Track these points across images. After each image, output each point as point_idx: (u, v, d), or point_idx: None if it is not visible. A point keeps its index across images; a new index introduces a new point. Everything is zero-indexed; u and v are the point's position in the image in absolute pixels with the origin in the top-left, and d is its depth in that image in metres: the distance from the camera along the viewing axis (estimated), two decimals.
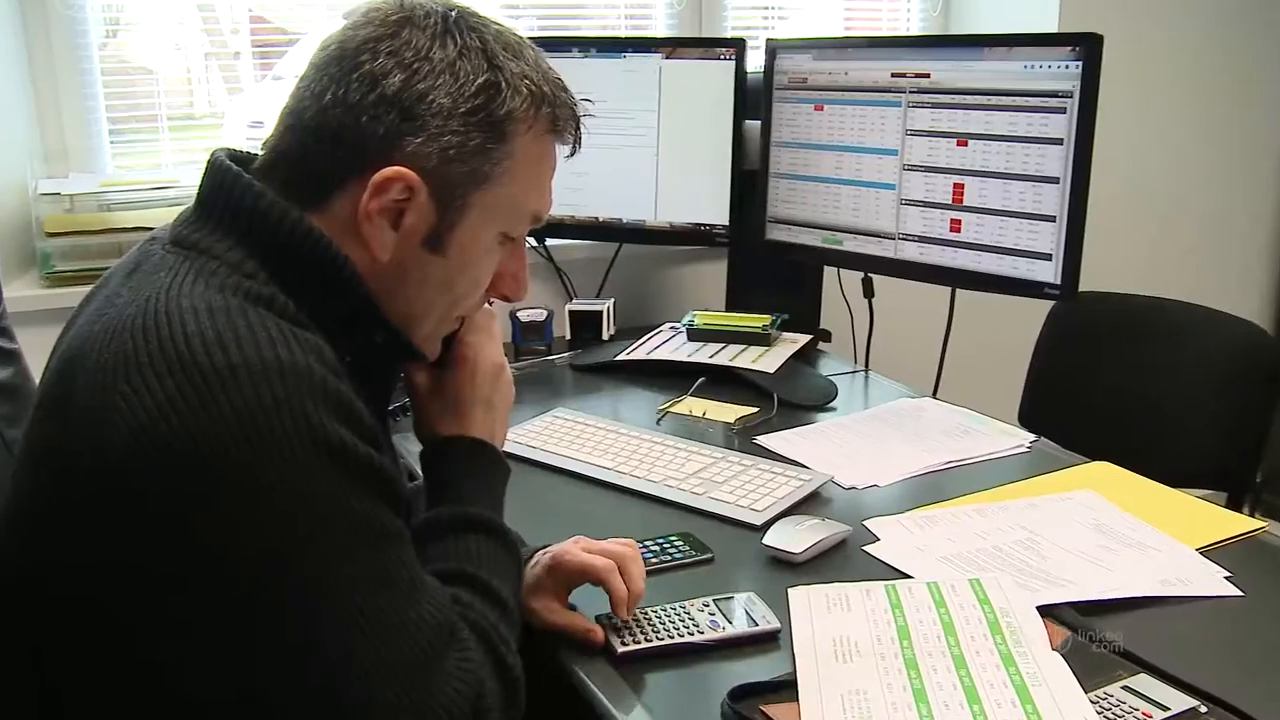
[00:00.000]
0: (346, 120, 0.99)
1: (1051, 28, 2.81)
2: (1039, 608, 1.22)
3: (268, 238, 0.98)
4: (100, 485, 0.88)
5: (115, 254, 2.07)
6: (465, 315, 1.16)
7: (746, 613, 1.23)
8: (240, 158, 1.07)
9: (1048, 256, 1.75)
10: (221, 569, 0.87)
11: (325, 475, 0.89)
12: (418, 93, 0.99)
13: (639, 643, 1.18)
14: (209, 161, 1.04)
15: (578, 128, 1.12)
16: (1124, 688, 1.09)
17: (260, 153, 1.07)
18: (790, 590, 1.27)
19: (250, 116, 2.49)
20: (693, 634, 1.19)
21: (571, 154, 1.13)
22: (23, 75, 2.21)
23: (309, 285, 0.99)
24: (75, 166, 2.28)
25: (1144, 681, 1.09)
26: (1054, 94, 1.70)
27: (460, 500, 1.13)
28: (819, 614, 1.23)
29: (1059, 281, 1.75)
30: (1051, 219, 1.74)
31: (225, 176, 1.01)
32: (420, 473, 1.21)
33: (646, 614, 1.22)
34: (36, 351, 1.38)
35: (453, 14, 1.04)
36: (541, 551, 1.25)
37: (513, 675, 1.03)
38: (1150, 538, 1.41)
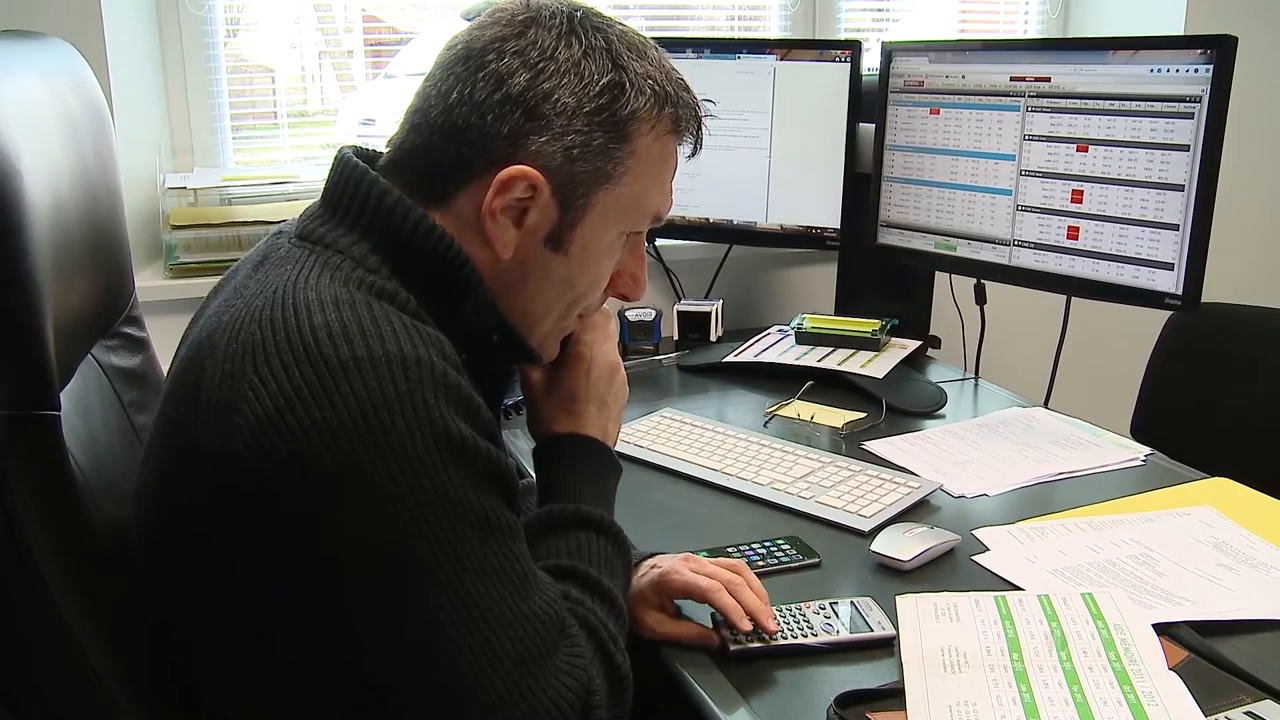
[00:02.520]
0: (472, 119, 1.00)
1: (1176, 29, 2.74)
2: (1155, 626, 1.19)
3: (391, 234, 1.00)
4: (227, 472, 0.90)
5: (235, 246, 2.12)
6: (584, 315, 1.17)
7: (862, 617, 1.22)
8: (366, 155, 1.09)
9: (1169, 266, 1.71)
10: (339, 559, 0.89)
11: (444, 468, 0.90)
12: (543, 92, 1.00)
13: (752, 642, 1.18)
14: (336, 158, 1.06)
15: (699, 128, 1.12)
16: (1247, 713, 1.06)
17: (385, 150, 1.09)
18: (899, 598, 1.26)
19: (362, 114, 2.54)
20: (806, 636, 1.19)
21: (692, 154, 1.13)
22: (156, 74, 2.29)
23: (430, 282, 1.01)
24: (199, 162, 2.35)
25: (1269, 708, 1.06)
26: (1182, 99, 1.66)
27: (572, 497, 1.13)
28: (927, 623, 1.22)
29: (1180, 292, 1.70)
30: (1175, 227, 1.69)
31: (352, 173, 1.03)
32: (530, 470, 1.23)
33: None
34: (161, 340, 1.43)
35: (578, 14, 1.04)
36: (650, 565, 1.25)
37: (621, 672, 1.04)
38: (1274, 557, 1.37)
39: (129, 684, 1.04)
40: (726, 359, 2.14)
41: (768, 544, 1.40)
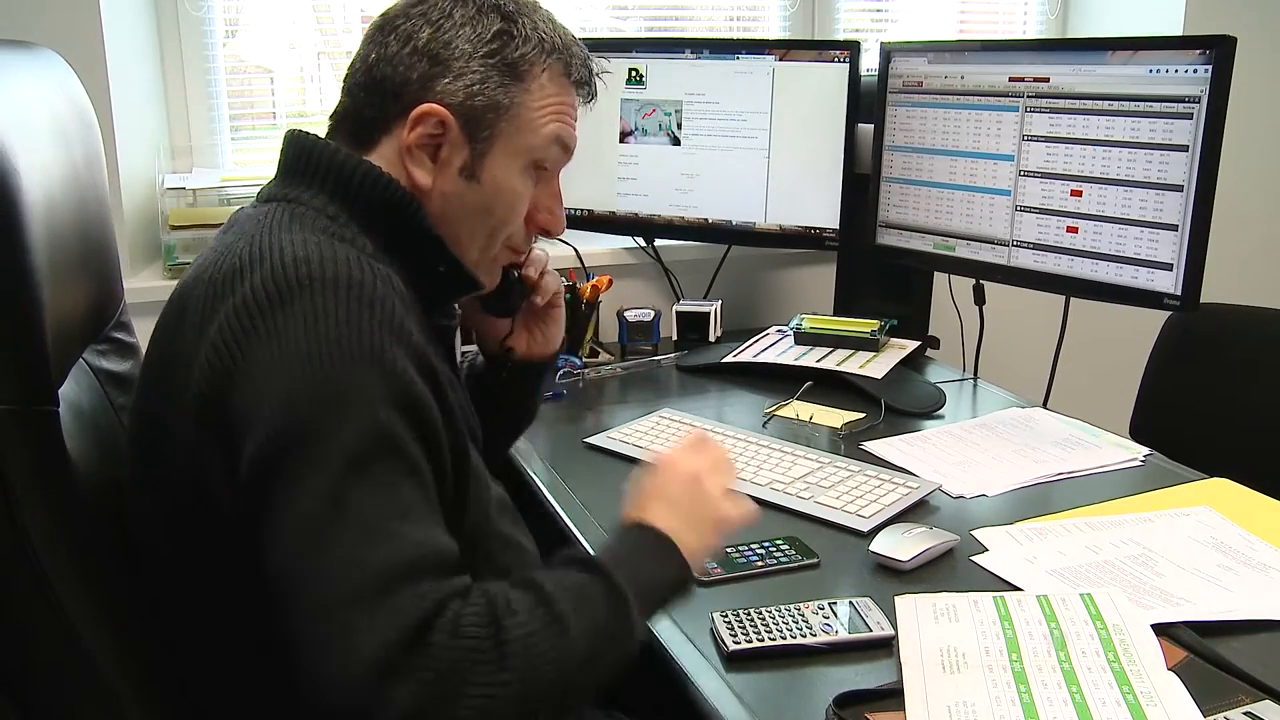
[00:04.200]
0: (386, 71, 1.17)
1: (1176, 29, 2.74)
2: (1154, 626, 1.20)
3: (344, 183, 1.15)
4: (201, 376, 0.99)
5: None
6: (513, 246, 1.28)
7: (861, 618, 1.22)
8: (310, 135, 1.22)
9: (1168, 266, 1.71)
10: (263, 444, 0.95)
11: (363, 376, 0.97)
12: (443, 41, 1.16)
13: (751, 642, 1.18)
14: (287, 138, 1.21)
15: (591, 76, 1.26)
16: (1246, 714, 1.06)
17: (329, 124, 1.24)
18: (898, 598, 1.26)
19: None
20: (805, 636, 1.19)
21: (588, 101, 1.28)
22: (154, 75, 2.29)
23: (383, 224, 1.15)
24: (198, 162, 2.35)
25: (1268, 708, 1.06)
26: (1181, 99, 1.66)
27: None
28: (926, 623, 1.22)
29: (1179, 292, 1.70)
30: (1174, 228, 1.69)
31: (304, 143, 1.18)
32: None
33: (760, 613, 1.23)
34: None
35: None
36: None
37: (498, 644, 0.93)
38: (1273, 558, 1.37)
39: (126, 671, 1.07)
40: (725, 359, 2.14)
41: (766, 544, 1.40)
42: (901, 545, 1.36)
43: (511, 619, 0.93)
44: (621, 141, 2.29)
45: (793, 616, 1.22)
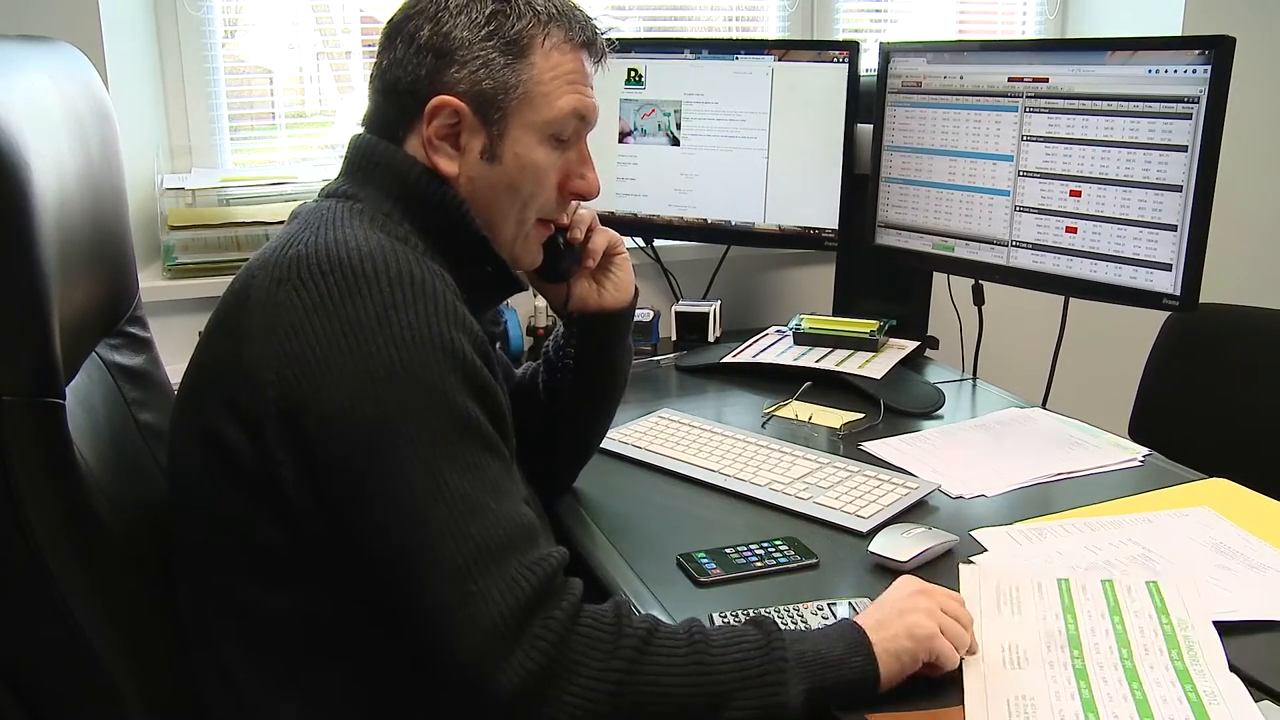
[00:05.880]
0: (399, 74, 1.22)
1: (1175, 29, 2.74)
2: None
3: (400, 184, 1.20)
4: (268, 366, 1.03)
5: (233, 247, 2.12)
6: (548, 217, 1.32)
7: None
8: None
9: (1167, 267, 1.71)
10: (338, 432, 1.02)
11: (437, 366, 1.04)
12: (442, 34, 1.20)
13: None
14: (353, 139, 1.27)
15: (595, 36, 1.28)
16: None
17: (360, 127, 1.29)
18: (961, 566, 1.29)
19: (359, 114, 2.54)
20: None
21: (598, 61, 1.29)
22: (154, 74, 2.29)
23: (434, 225, 1.20)
24: (197, 162, 2.35)
25: (1269, 709, 1.06)
26: (1180, 99, 1.66)
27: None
28: (990, 613, 1.21)
29: (1178, 292, 1.70)
30: (1173, 228, 1.69)
31: (368, 144, 1.25)
32: None
33: (759, 614, 1.22)
34: (162, 341, 1.42)
35: None
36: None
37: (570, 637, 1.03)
38: (1273, 558, 1.37)
39: (131, 671, 1.07)
40: (725, 359, 2.14)
41: (766, 544, 1.40)
42: (900, 545, 1.36)
43: (636, 624, 1.04)
44: (620, 141, 2.29)
45: (792, 617, 1.22)
